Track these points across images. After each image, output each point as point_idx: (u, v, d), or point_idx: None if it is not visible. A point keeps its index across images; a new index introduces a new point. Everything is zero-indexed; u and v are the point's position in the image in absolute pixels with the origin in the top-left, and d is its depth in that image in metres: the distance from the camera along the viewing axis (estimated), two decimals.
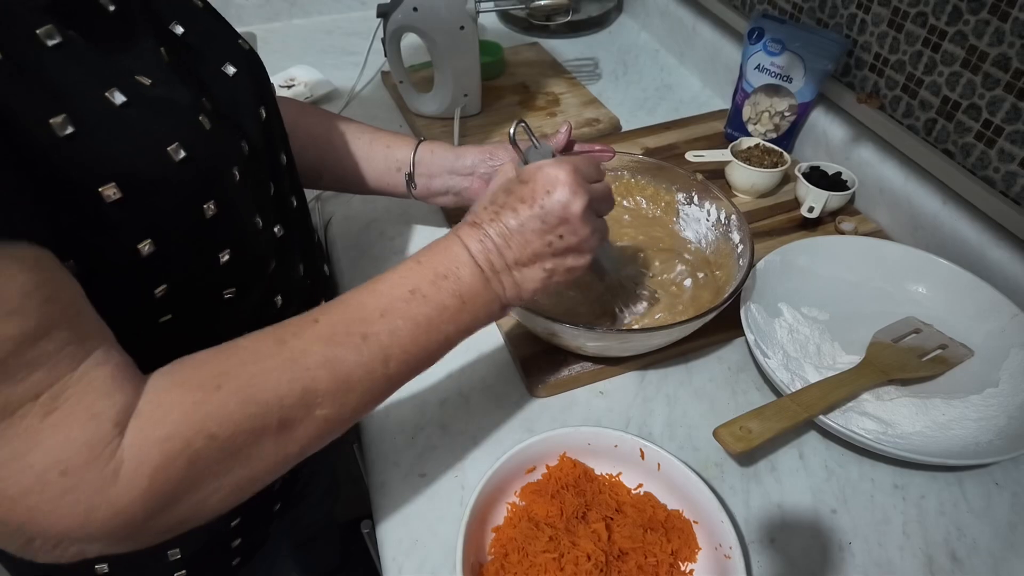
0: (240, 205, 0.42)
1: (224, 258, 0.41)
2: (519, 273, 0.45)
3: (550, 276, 0.46)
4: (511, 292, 0.45)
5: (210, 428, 0.33)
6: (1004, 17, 0.63)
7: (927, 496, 0.56)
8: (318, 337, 0.38)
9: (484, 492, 0.50)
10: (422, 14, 0.85)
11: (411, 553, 0.52)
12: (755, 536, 0.53)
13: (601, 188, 0.48)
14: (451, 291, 0.42)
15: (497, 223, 0.44)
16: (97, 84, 0.34)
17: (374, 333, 0.39)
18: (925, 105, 0.74)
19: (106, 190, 0.33)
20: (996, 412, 0.58)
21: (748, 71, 0.89)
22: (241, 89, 0.45)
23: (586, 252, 0.47)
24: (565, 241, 0.45)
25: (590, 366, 0.64)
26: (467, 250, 0.43)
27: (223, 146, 0.41)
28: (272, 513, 0.60)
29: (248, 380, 0.35)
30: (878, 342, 0.64)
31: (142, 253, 0.36)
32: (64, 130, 0.31)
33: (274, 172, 0.49)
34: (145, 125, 0.35)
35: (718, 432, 0.55)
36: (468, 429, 0.60)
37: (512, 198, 0.45)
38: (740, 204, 0.83)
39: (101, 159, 0.33)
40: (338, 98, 1.05)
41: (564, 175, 0.44)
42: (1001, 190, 0.68)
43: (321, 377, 0.37)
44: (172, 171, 0.36)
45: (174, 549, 0.51)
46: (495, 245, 0.44)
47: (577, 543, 0.49)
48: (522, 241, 0.44)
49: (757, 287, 0.66)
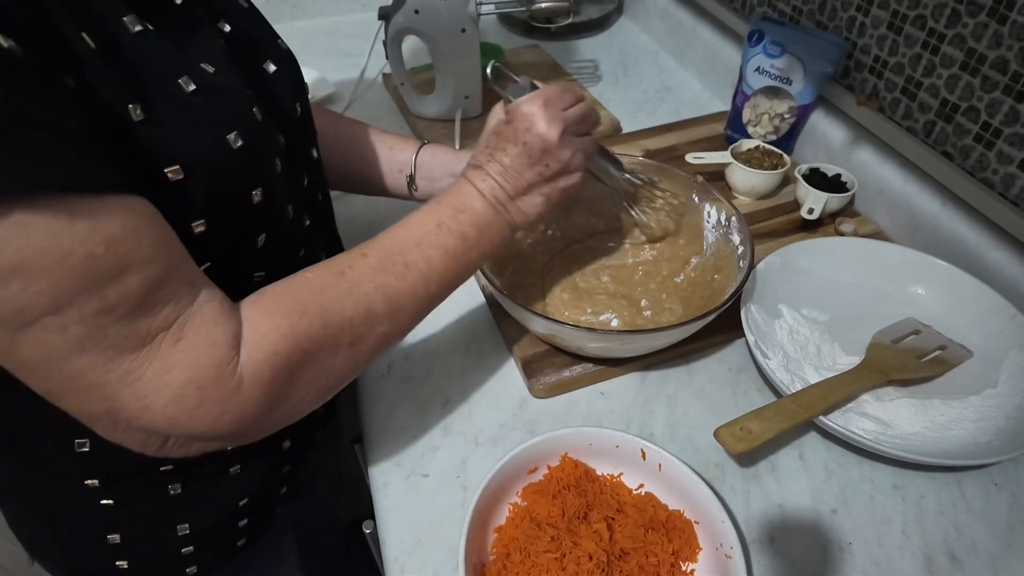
0: (278, 194, 0.46)
1: (261, 241, 0.45)
2: (521, 202, 0.52)
3: (548, 199, 0.53)
4: (519, 218, 0.52)
5: (303, 346, 0.40)
6: (1002, 20, 0.64)
7: (926, 496, 0.56)
8: (369, 267, 0.45)
9: (486, 492, 0.51)
10: (423, 16, 0.85)
11: (413, 553, 0.52)
12: (755, 536, 0.53)
13: (576, 112, 0.53)
14: (469, 222, 0.49)
15: (493, 163, 0.51)
16: (172, 72, 0.37)
17: (413, 261, 0.46)
18: (924, 107, 0.75)
19: (171, 170, 0.36)
20: (995, 413, 0.58)
21: (748, 73, 0.89)
22: (280, 85, 0.49)
23: (574, 171, 0.53)
24: (551, 168, 0.51)
25: (591, 367, 0.64)
26: (475, 188, 0.50)
27: (269, 139, 0.45)
28: (278, 496, 0.61)
29: (324, 306, 0.41)
30: (878, 343, 0.65)
31: (194, 231, 0.39)
32: (137, 116, 0.35)
33: (307, 165, 0.53)
34: (210, 112, 0.39)
35: (719, 433, 0.55)
36: (470, 430, 0.61)
37: (501, 139, 0.51)
38: (740, 206, 0.84)
39: (170, 142, 0.36)
40: (339, 100, 1.05)
41: (537, 110, 0.51)
42: (1000, 192, 0.68)
43: (377, 300, 0.44)
44: (230, 157, 0.40)
45: (183, 524, 0.53)
46: (496, 183, 0.51)
47: (579, 543, 0.49)
48: (516, 175, 0.51)
49: (757, 288, 0.66)
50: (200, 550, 0.55)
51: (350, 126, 0.70)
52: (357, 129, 0.70)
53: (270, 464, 0.57)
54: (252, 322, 0.39)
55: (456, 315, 0.71)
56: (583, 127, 0.54)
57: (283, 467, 0.58)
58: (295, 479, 0.62)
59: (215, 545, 0.56)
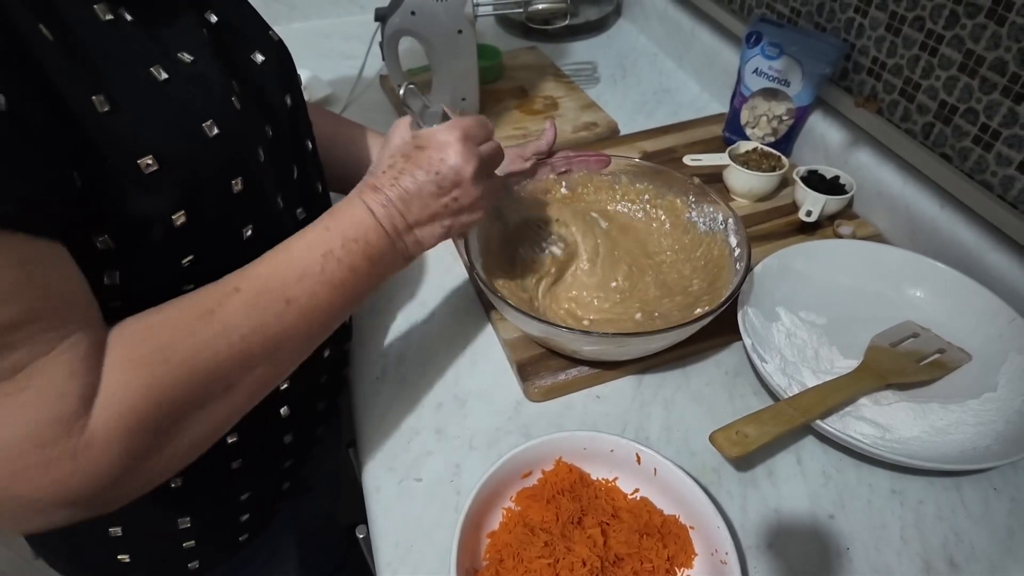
0: (264, 184, 0.45)
1: (247, 233, 0.44)
2: (420, 231, 0.48)
3: (447, 231, 0.50)
4: (413, 248, 0.49)
5: (167, 398, 0.36)
6: (1001, 21, 0.63)
7: (925, 501, 0.55)
8: (242, 304, 0.40)
9: (479, 497, 0.50)
10: (420, 18, 0.85)
11: (406, 559, 0.52)
12: (752, 542, 0.53)
13: (489, 148, 0.51)
14: (361, 253, 0.45)
15: (396, 187, 0.47)
16: (143, 60, 0.36)
17: (294, 297, 0.41)
18: (923, 109, 0.74)
19: (144, 161, 0.35)
20: (994, 417, 0.58)
21: (746, 75, 0.89)
22: (269, 76, 0.48)
23: (478, 210, 0.51)
24: (459, 202, 0.49)
25: (587, 370, 0.64)
26: (371, 214, 0.46)
27: (251, 128, 0.44)
28: (280, 491, 0.61)
29: (190, 353, 0.37)
30: (876, 346, 0.64)
31: (175, 223, 0.38)
32: (103, 107, 0.34)
33: (298, 157, 0.52)
34: (184, 101, 0.38)
35: (714, 437, 0.54)
36: (464, 434, 0.60)
37: (409, 163, 0.48)
38: (738, 208, 0.83)
39: (141, 132, 0.35)
40: (336, 102, 1.05)
41: (455, 142, 0.48)
42: (999, 194, 0.68)
43: (254, 342, 0.40)
44: (206, 146, 0.39)
45: (184, 517, 0.53)
46: (397, 209, 0.47)
47: (572, 548, 0.48)
48: (421, 204, 0.47)
49: (755, 291, 0.66)
50: (202, 544, 0.55)
51: (347, 127, 0.70)
52: (354, 130, 0.70)
53: (272, 458, 0.57)
54: (111, 372, 0.35)
55: (451, 317, 0.71)
56: (493, 166, 0.52)
57: (285, 461, 0.58)
58: (298, 475, 0.62)
59: (217, 539, 0.57)
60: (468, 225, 0.51)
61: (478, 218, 0.51)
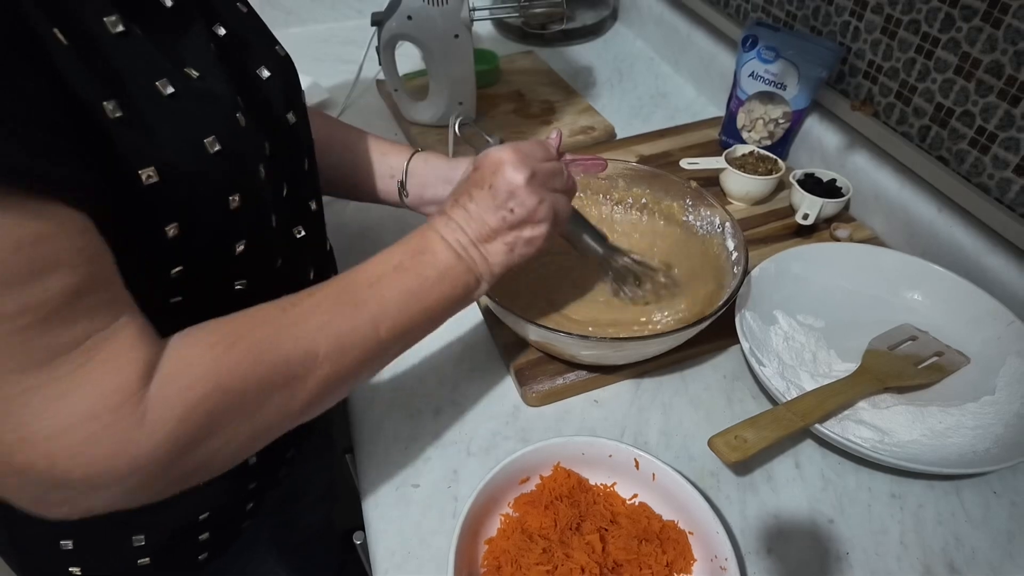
0: (260, 202, 0.45)
1: (239, 248, 0.44)
2: (484, 248, 0.49)
3: (512, 248, 0.50)
4: (482, 266, 0.49)
5: (226, 382, 0.36)
6: (996, 24, 0.64)
7: (925, 505, 0.55)
8: (314, 304, 0.41)
9: (477, 503, 0.50)
10: (416, 22, 0.85)
11: (403, 566, 0.51)
12: (751, 547, 0.52)
13: (549, 165, 0.52)
14: (430, 264, 0.47)
15: (458, 208, 0.49)
16: (150, 74, 0.36)
17: (363, 301, 0.43)
18: (919, 112, 0.74)
19: (145, 172, 0.36)
20: (993, 420, 0.58)
21: (742, 78, 0.89)
22: (273, 92, 0.48)
23: (540, 222, 0.50)
24: (516, 214, 0.49)
25: (585, 375, 0.63)
26: (437, 232, 0.48)
27: (252, 145, 0.44)
28: (244, 511, 0.60)
29: (257, 342, 0.38)
30: (874, 350, 0.64)
31: (167, 235, 0.38)
32: (115, 113, 0.34)
33: (293, 175, 0.51)
34: (188, 116, 0.38)
35: (713, 442, 0.54)
36: (462, 439, 0.60)
37: (468, 184, 0.50)
38: (735, 211, 0.83)
39: (145, 144, 0.36)
40: (333, 106, 1.05)
41: (507, 155, 0.49)
42: (996, 197, 0.68)
43: (320, 340, 0.40)
44: (207, 162, 0.39)
45: (139, 535, 0.51)
46: (459, 226, 0.48)
47: (571, 555, 0.48)
48: (480, 220, 0.49)
49: (752, 295, 0.66)
50: (156, 562, 0.53)
51: (343, 130, 0.70)
52: (351, 134, 0.70)
53: (233, 480, 0.55)
54: (174, 350, 0.35)
55: (449, 323, 0.70)
56: (555, 182, 0.52)
57: (248, 483, 0.57)
58: (265, 496, 0.61)
59: (173, 558, 0.55)
60: (533, 242, 0.50)
61: (542, 233, 0.50)
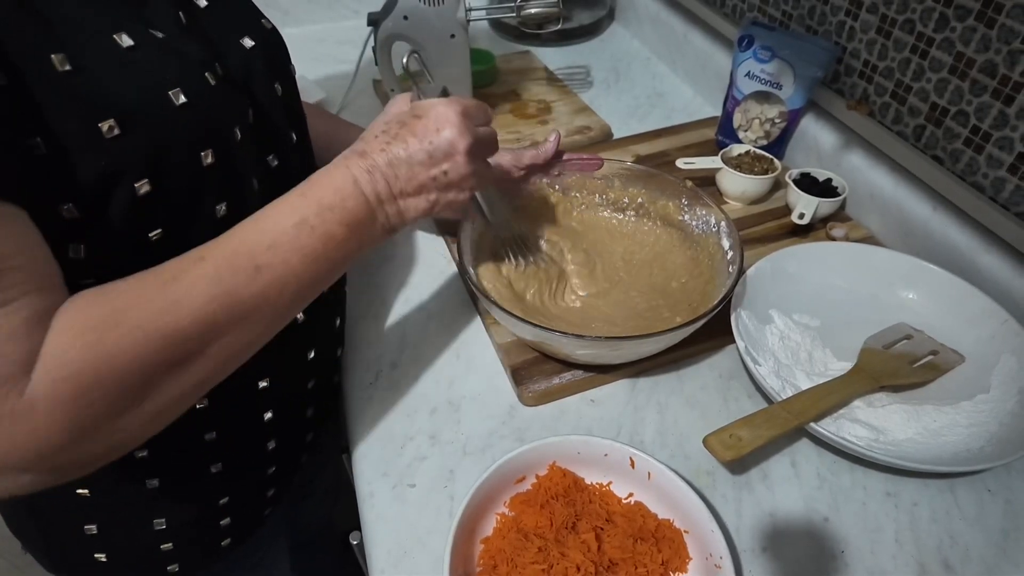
0: (239, 165, 0.44)
1: (221, 211, 0.44)
2: (404, 202, 0.47)
3: (432, 207, 0.48)
4: (395, 220, 0.47)
5: (115, 363, 0.35)
6: (990, 24, 0.64)
7: (919, 504, 0.55)
8: (203, 275, 0.38)
9: (473, 503, 0.50)
10: (413, 22, 0.85)
11: (399, 565, 0.51)
12: (747, 545, 0.53)
13: (486, 132, 0.51)
14: (337, 221, 0.43)
15: (386, 153, 0.46)
16: (106, 26, 0.37)
17: (265, 265, 0.40)
18: (914, 111, 0.74)
19: (106, 124, 0.35)
20: (987, 418, 0.58)
21: (738, 78, 0.89)
22: (256, 61, 0.48)
23: (466, 189, 0.50)
24: (449, 177, 0.48)
25: (581, 374, 0.64)
26: (354, 181, 0.44)
27: (228, 106, 0.43)
28: (265, 497, 0.60)
29: (141, 323, 0.36)
30: (869, 348, 0.64)
31: (138, 192, 0.38)
32: (63, 66, 0.34)
33: (282, 147, 0.51)
34: (149, 68, 0.38)
35: (708, 440, 0.54)
36: (458, 439, 0.60)
37: (405, 130, 0.47)
38: (731, 211, 0.83)
39: (102, 95, 0.35)
40: (330, 106, 1.05)
41: (454, 115, 0.47)
42: (990, 196, 0.68)
43: (216, 312, 0.38)
44: (170, 113, 0.38)
45: (160, 519, 0.52)
46: (383, 176, 0.45)
47: (566, 554, 0.48)
48: (409, 173, 0.46)
49: (748, 294, 0.66)
50: (180, 547, 0.54)
51: (345, 128, 0.72)
52: (352, 131, 0.71)
53: (253, 464, 0.56)
54: (54, 335, 0.34)
55: (445, 322, 0.71)
56: (487, 150, 0.52)
57: (268, 468, 0.58)
58: (286, 481, 0.62)
59: (195, 543, 0.56)
60: (454, 204, 0.50)
61: (464, 199, 0.50)
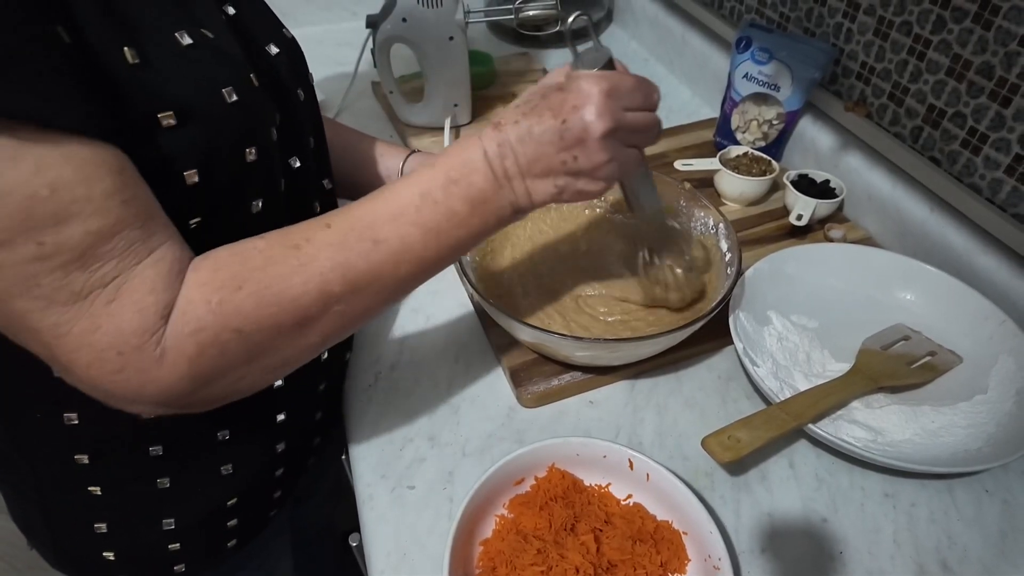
0: (274, 164, 0.46)
1: (256, 207, 0.45)
2: (531, 183, 0.44)
3: (560, 193, 0.45)
4: (523, 200, 0.44)
5: (233, 324, 0.38)
6: (987, 26, 0.64)
7: (917, 504, 0.55)
8: (328, 242, 0.40)
9: (472, 505, 0.50)
10: (411, 24, 0.85)
11: (399, 567, 0.52)
12: (745, 546, 0.53)
13: (638, 118, 0.45)
14: (462, 196, 0.42)
15: (519, 126, 0.43)
16: (169, 25, 0.38)
17: (384, 238, 0.41)
18: (911, 113, 0.75)
19: (164, 116, 0.37)
20: (985, 419, 0.58)
21: (736, 80, 0.89)
22: (281, 67, 0.49)
23: (600, 179, 0.45)
24: (579, 163, 0.43)
25: (580, 376, 0.64)
26: (484, 153, 0.43)
27: (266, 107, 0.44)
28: (271, 499, 0.60)
29: (265, 283, 0.38)
30: (867, 349, 0.64)
31: (187, 181, 0.39)
32: (133, 59, 0.36)
33: (301, 150, 0.52)
34: (205, 66, 0.39)
35: (706, 442, 0.54)
36: (457, 440, 0.60)
37: (543, 103, 0.43)
38: (729, 212, 0.83)
39: (165, 88, 0.37)
40: (329, 108, 1.05)
41: (597, 94, 0.42)
42: (987, 197, 0.68)
43: (333, 279, 0.40)
44: (223, 110, 0.40)
45: (168, 519, 0.53)
46: (512, 150, 0.43)
47: (565, 556, 0.48)
48: (537, 152, 0.43)
49: (746, 295, 0.66)
50: (186, 547, 0.54)
51: (344, 133, 0.71)
52: (351, 135, 0.71)
53: (262, 466, 0.56)
54: (185, 291, 0.37)
55: (444, 324, 0.71)
56: (636, 138, 0.46)
57: (276, 470, 0.58)
58: (292, 483, 0.62)
59: (202, 544, 0.56)
60: (584, 195, 0.45)
61: (597, 191, 0.45)
